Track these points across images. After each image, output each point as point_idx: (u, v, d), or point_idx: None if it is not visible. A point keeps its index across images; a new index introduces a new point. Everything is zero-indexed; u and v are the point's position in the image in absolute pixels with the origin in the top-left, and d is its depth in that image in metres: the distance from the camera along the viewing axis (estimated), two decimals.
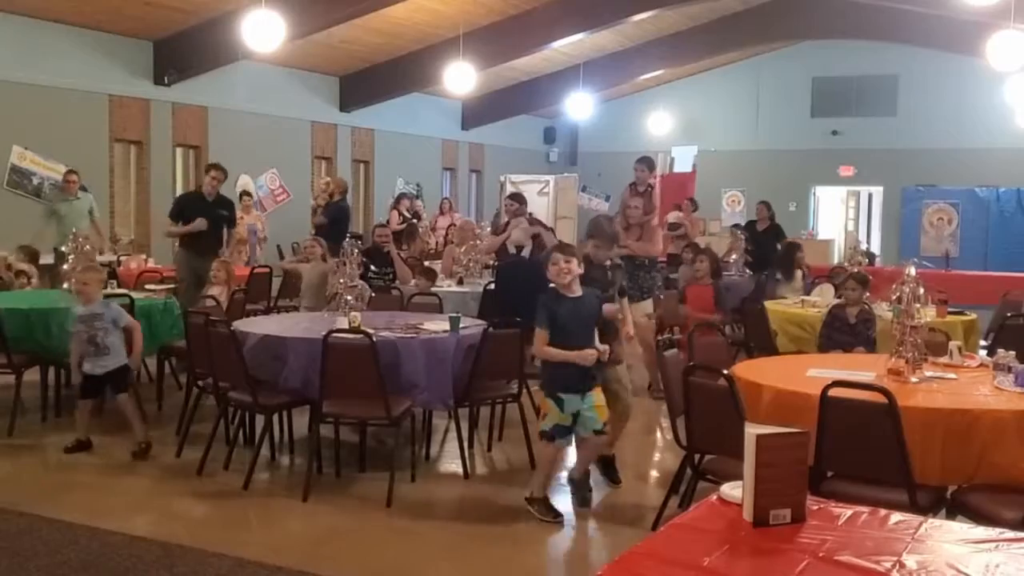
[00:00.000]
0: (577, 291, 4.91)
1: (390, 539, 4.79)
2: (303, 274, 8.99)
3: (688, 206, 14.74)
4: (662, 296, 8.66)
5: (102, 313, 6.11)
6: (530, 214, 8.81)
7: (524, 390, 6.18)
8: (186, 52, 13.06)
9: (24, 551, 4.44)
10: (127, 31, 12.67)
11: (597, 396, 4.96)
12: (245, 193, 13.62)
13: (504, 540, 4.82)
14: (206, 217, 9.15)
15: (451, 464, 6.09)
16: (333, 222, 11.97)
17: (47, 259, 9.99)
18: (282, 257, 13.58)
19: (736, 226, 12.92)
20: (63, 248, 8.13)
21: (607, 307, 5.25)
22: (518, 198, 8.80)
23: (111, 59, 12.69)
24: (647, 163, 8.63)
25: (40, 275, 9.42)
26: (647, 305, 7.78)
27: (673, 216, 13.78)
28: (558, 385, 4.91)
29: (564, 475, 5.42)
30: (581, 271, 4.96)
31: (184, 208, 9.41)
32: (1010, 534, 2.44)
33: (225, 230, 9.49)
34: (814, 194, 21.59)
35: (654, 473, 6.07)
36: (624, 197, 8.37)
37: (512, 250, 8.87)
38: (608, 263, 5.69)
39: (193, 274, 9.04)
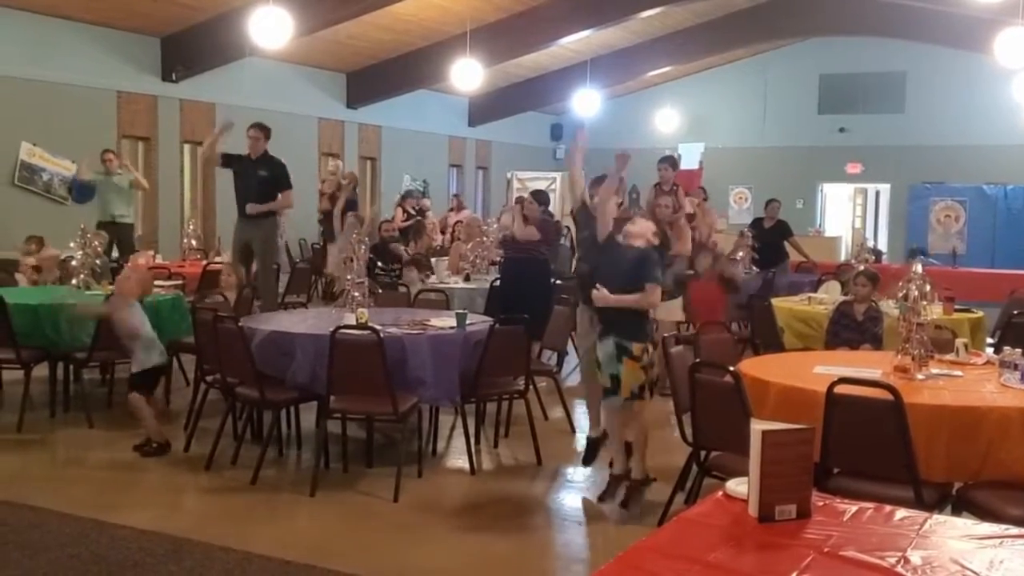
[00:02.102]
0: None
1: (397, 534, 4.81)
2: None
3: (699, 193, 14.44)
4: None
5: (125, 318, 6.09)
6: (544, 209, 8.71)
7: (531, 386, 6.20)
8: (194, 48, 13.07)
9: (33, 545, 4.47)
10: (135, 27, 12.69)
11: (627, 364, 5.03)
12: None
13: (510, 535, 4.83)
14: (248, 176, 8.95)
15: (458, 460, 6.11)
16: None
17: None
18: (289, 254, 13.59)
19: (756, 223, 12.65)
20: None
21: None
22: (538, 196, 8.72)
23: (119, 55, 12.72)
24: (670, 162, 8.63)
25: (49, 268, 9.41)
26: (675, 305, 7.71)
27: (686, 205, 13.55)
28: None
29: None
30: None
31: (229, 161, 9.21)
32: (1015, 530, 2.45)
33: (279, 195, 9.07)
34: (821, 191, 21.55)
35: (660, 469, 6.07)
36: (650, 197, 8.37)
37: (500, 236, 8.90)
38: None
39: (239, 242, 8.85)
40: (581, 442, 6.47)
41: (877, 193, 21.55)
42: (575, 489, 5.53)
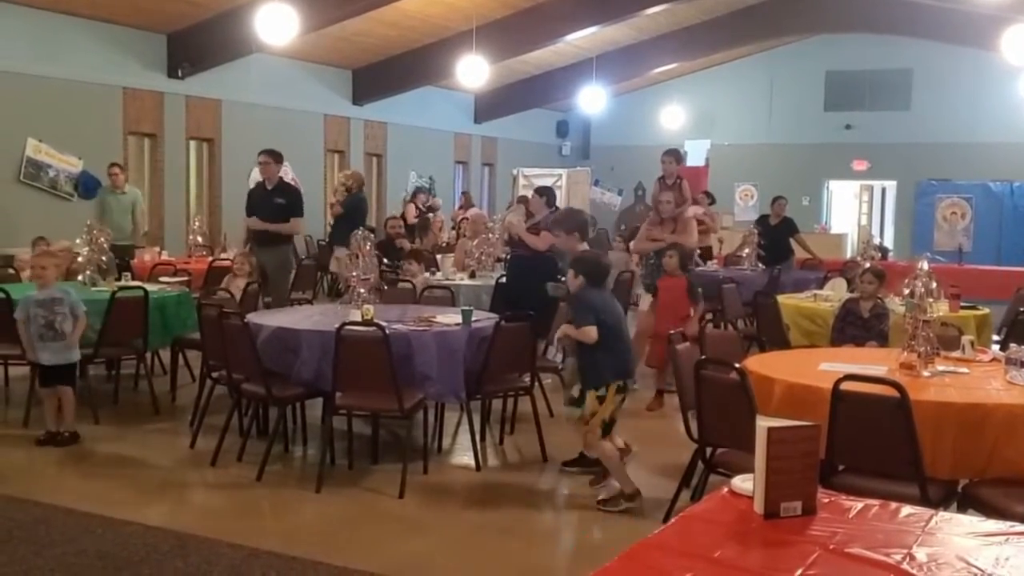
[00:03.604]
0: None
1: (402, 530, 4.81)
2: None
3: (704, 199, 14.53)
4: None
5: (62, 298, 6.09)
6: (548, 201, 8.65)
7: (536, 383, 6.20)
8: (200, 45, 13.09)
9: (40, 540, 4.48)
10: (141, 24, 12.71)
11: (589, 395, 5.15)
12: None
13: (516, 531, 4.84)
14: (264, 206, 8.89)
15: (463, 456, 6.11)
16: (348, 213, 11.96)
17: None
18: (295, 252, 13.58)
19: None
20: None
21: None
22: (541, 191, 8.65)
23: (125, 52, 12.74)
24: (674, 155, 8.53)
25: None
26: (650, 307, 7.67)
27: (691, 212, 13.57)
28: None
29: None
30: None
31: (249, 200, 9.17)
32: (1020, 527, 2.44)
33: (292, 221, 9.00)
34: (827, 188, 21.52)
35: (665, 466, 6.07)
36: (654, 191, 8.30)
37: (505, 236, 8.87)
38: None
39: (257, 267, 8.95)
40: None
41: (883, 190, 21.53)
42: (580, 485, 5.53)
